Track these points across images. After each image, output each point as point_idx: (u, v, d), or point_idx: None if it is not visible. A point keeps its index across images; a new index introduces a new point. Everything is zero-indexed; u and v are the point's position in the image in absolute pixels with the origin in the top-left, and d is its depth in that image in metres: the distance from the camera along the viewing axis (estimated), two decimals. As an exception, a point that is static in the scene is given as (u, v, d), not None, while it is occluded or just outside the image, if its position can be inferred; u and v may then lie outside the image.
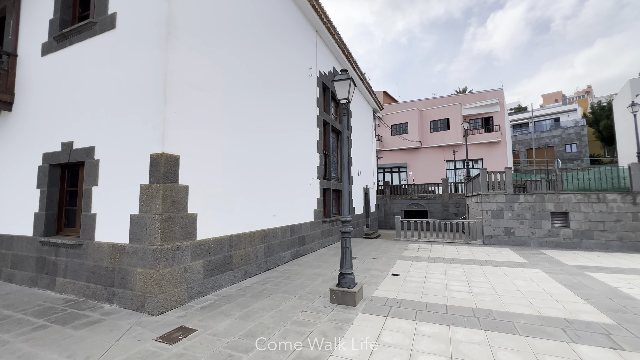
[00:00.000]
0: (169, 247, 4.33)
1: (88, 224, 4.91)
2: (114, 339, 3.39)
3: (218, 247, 5.28)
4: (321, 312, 4.22)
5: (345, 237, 4.77)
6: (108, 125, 4.94)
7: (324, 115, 10.58)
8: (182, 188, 4.62)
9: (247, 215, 6.12)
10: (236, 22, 6.03)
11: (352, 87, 4.95)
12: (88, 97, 5.20)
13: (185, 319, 3.95)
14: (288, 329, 3.66)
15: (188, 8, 4.82)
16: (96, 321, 3.91)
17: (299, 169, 8.46)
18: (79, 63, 5.42)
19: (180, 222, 4.56)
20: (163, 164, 4.32)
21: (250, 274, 6.11)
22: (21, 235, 5.77)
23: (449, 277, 6.06)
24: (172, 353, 3.08)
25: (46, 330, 3.62)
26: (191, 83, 4.85)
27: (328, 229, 10.49)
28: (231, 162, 5.68)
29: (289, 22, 8.23)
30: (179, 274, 4.48)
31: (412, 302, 4.57)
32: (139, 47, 4.71)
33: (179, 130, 4.58)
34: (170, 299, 4.32)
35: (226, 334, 3.53)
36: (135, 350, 3.14)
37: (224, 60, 5.60)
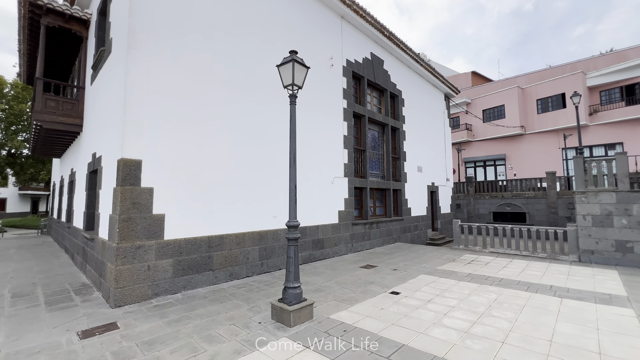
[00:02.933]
0: (128, 245, 4.64)
1: (95, 222, 5.79)
2: (56, 324, 3.82)
3: (192, 247, 5.39)
4: (248, 328, 3.73)
5: (290, 246, 4.11)
6: (104, 137, 5.70)
7: (355, 108, 9.66)
8: (145, 190, 4.89)
9: (234, 216, 6.07)
10: (220, 23, 6.06)
11: (299, 71, 4.21)
12: (97, 115, 6.14)
13: (126, 315, 4.14)
14: (192, 342, 3.36)
15: (151, 20, 5.09)
16: (72, 306, 4.53)
17: (313, 168, 7.92)
18: (97, 86, 6.47)
19: (143, 222, 4.83)
20: (122, 168, 4.67)
21: (238, 275, 6.04)
22: (78, 228, 7.32)
23: (462, 305, 4.51)
24: (65, 350, 3.22)
25: (31, 310, 4.39)
26: (157, 90, 5.10)
27: (363, 232, 9.52)
28: (209, 163, 5.73)
29: (297, 13, 7.81)
30: (140, 271, 4.75)
31: (363, 334, 3.55)
32: (112, 63, 5.25)
33: (139, 135, 4.87)
34: (130, 294, 4.62)
35: (135, 337, 3.49)
36: (48, 340, 3.44)
37: (199, 63, 5.70)
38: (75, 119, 8.05)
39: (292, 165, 4.23)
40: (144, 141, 4.92)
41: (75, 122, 8.05)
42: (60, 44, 8.93)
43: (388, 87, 11.40)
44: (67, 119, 7.97)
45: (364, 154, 10.17)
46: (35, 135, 8.66)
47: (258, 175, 6.51)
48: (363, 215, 9.93)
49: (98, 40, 6.99)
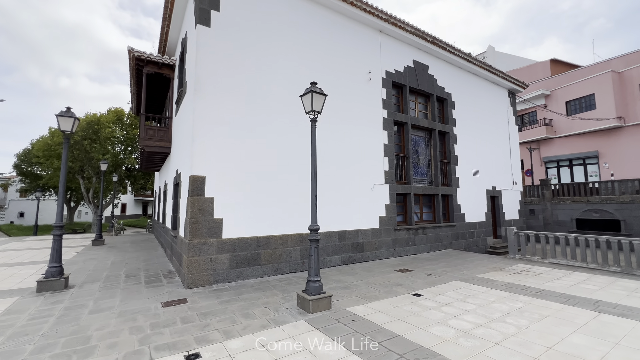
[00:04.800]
0: (196, 242, 6.07)
1: (178, 224, 7.52)
2: (149, 296, 5.35)
3: (244, 245, 6.62)
4: (277, 311, 4.64)
5: (311, 246, 4.89)
6: (182, 157, 7.41)
7: (396, 116, 9.98)
8: (208, 199, 6.29)
9: (278, 220, 7.14)
10: (261, 61, 7.29)
11: (318, 99, 5.01)
12: (179, 140, 7.94)
13: (193, 294, 5.49)
14: (233, 316, 4.42)
15: (210, 68, 6.54)
16: (160, 285, 6.13)
17: (352, 175, 8.56)
18: (179, 118, 8.34)
19: (207, 224, 6.23)
20: (191, 182, 6.14)
21: (282, 271, 7.07)
22: (169, 227, 9.40)
23: (479, 310, 4.63)
24: (153, 313, 4.61)
25: (136, 286, 6.12)
26: (215, 121, 6.51)
27: (406, 237, 9.71)
28: (258, 176, 6.93)
29: (334, 35, 8.64)
30: (205, 262, 6.13)
31: (367, 324, 4.11)
32: (186, 101, 6.86)
33: (203, 156, 6.31)
34: (197, 280, 6.02)
35: (197, 309, 4.73)
36: (143, 305, 4.91)
37: (247, 96, 6.98)
38: (166, 143, 10.34)
39: (312, 178, 5.03)
40: (206, 161, 6.35)
41: (167, 145, 10.33)
42: (156, 84, 11.52)
43: (434, 91, 11.31)
44: (161, 143, 10.30)
45: (407, 160, 10.35)
46: (141, 155, 11.33)
47: (299, 185, 7.48)
48: (407, 221, 10.09)
49: (179, 81, 8.99)
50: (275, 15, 7.61)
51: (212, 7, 6.68)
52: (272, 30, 7.52)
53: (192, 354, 3.32)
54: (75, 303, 5.06)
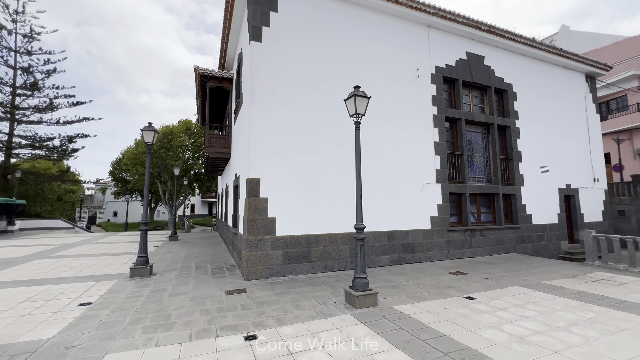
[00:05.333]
0: (253, 238, 6.69)
1: (238, 222, 8.33)
2: (215, 285, 6.08)
3: (295, 242, 7.06)
4: (325, 304, 4.93)
5: (357, 244, 5.06)
6: (240, 162, 8.18)
7: (447, 112, 9.56)
8: (263, 200, 6.87)
9: (327, 220, 7.44)
10: (308, 70, 7.69)
11: (361, 102, 5.17)
12: (237, 146, 8.77)
13: (251, 286, 6.07)
14: (286, 306, 4.83)
15: (262, 80, 7.14)
16: (223, 276, 6.90)
17: (400, 175, 8.48)
18: (237, 126, 9.20)
19: (262, 223, 6.81)
20: (248, 184, 6.79)
21: (331, 268, 7.36)
22: (230, 225, 10.39)
23: (539, 318, 4.30)
24: (218, 299, 5.26)
25: (204, 276, 6.98)
26: (268, 128, 7.09)
27: (462, 239, 9.23)
28: (306, 179, 7.33)
29: (379, 37, 8.68)
30: (261, 257, 6.72)
31: (413, 322, 4.14)
32: (243, 110, 7.57)
33: (258, 160, 6.91)
34: (255, 273, 6.62)
35: (254, 298, 5.26)
36: (210, 292, 5.62)
37: (296, 103, 7.43)
38: (227, 149, 11.44)
39: (357, 179, 5.20)
40: (261, 164, 6.95)
41: (227, 152, 11.43)
42: (217, 96, 12.81)
43: (491, 83, 10.54)
44: (222, 150, 11.43)
45: (461, 158, 9.83)
46: (206, 161, 12.70)
47: (346, 186, 7.69)
48: (463, 222, 9.59)
49: (236, 93, 9.91)
50: (320, 24, 7.95)
51: (264, 24, 7.29)
52: (317, 37, 7.88)
53: (250, 335, 3.77)
54: (158, 287, 6.01)
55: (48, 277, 6.95)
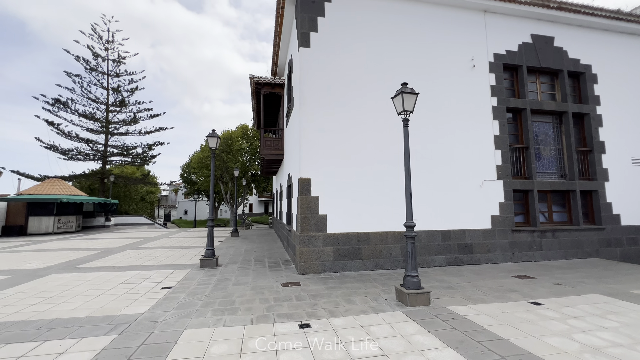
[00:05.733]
0: (305, 235, 7.04)
1: (291, 219, 8.80)
2: (272, 277, 6.57)
3: (346, 240, 7.24)
4: (376, 300, 5.01)
5: (408, 242, 5.02)
6: (293, 163, 8.63)
7: (509, 102, 8.80)
8: (314, 198, 7.19)
9: (378, 218, 7.46)
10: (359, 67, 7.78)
11: (409, 98, 5.11)
12: (289, 148, 9.25)
13: (305, 279, 6.42)
14: (337, 300, 5.04)
15: (312, 85, 7.45)
16: (279, 270, 7.39)
17: (455, 172, 8.07)
18: (289, 129, 9.70)
19: (313, 220, 7.13)
20: (299, 184, 7.17)
21: (382, 266, 7.36)
22: (284, 223, 10.99)
23: (623, 330, 3.79)
24: (275, 290, 5.69)
25: (262, 269, 7.57)
26: (318, 129, 7.38)
27: (530, 240, 8.42)
28: (355, 178, 7.45)
29: (427, 33, 8.37)
30: (313, 253, 7.03)
31: (469, 323, 4.00)
32: (294, 114, 7.98)
33: (308, 160, 7.24)
34: (307, 267, 6.96)
35: (307, 291, 5.58)
36: (268, 284, 6.10)
37: (345, 103, 7.59)
38: (280, 151, 12.12)
39: (407, 177, 5.17)
40: (311, 164, 7.27)
41: (280, 153, 12.10)
42: (270, 101, 13.61)
43: (564, 66, 9.37)
44: (276, 151, 12.13)
45: (526, 152, 8.96)
46: (262, 163, 13.59)
47: (396, 184, 7.60)
48: (530, 222, 8.74)
49: (288, 97, 10.44)
50: (366, 24, 7.98)
51: (311, 29, 7.60)
52: (364, 37, 7.92)
53: (304, 323, 4.06)
54: (223, 277, 6.71)
55: (137, 264, 8.23)
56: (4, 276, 6.91)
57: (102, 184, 27.34)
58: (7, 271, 7.46)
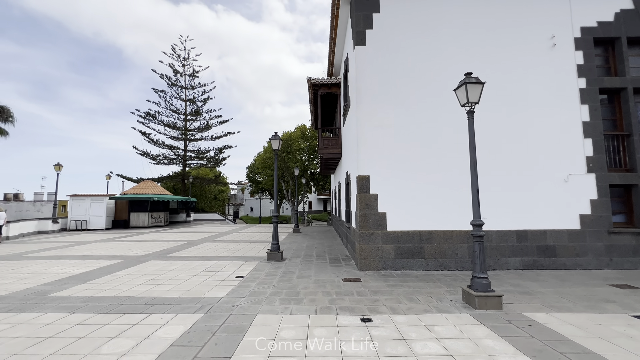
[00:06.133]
0: (365, 232, 7.10)
1: (350, 217, 8.93)
2: (332, 273, 6.80)
3: (407, 238, 7.08)
4: (440, 301, 4.84)
5: (475, 241, 4.73)
6: (350, 161, 8.73)
7: (603, 83, 7.54)
8: (373, 196, 7.19)
9: (442, 216, 7.13)
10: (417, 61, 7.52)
11: (474, 89, 4.79)
12: (346, 146, 9.37)
13: (365, 276, 6.49)
14: (399, 297, 5.02)
15: (368, 82, 7.45)
16: (339, 266, 7.60)
17: (532, 165, 7.24)
18: (346, 127, 9.82)
19: (373, 217, 7.14)
20: (358, 182, 7.24)
21: (447, 267, 7.01)
22: (344, 220, 11.17)
23: None
24: (336, 284, 5.90)
25: (323, 264, 7.87)
26: (375, 126, 7.35)
27: (633, 244, 7.13)
28: (416, 174, 7.23)
29: (495, 14, 7.64)
30: (373, 250, 7.06)
31: (549, 333, 3.62)
32: (351, 112, 8.07)
33: (366, 158, 7.27)
34: (367, 264, 7.01)
35: (368, 287, 5.65)
36: (329, 278, 6.34)
37: (402, 98, 7.41)
38: (337, 150, 12.33)
39: (472, 172, 4.86)
40: (370, 162, 7.29)
41: (338, 152, 12.31)
42: (327, 101, 13.90)
43: (681, 31, 7.63)
44: (334, 150, 12.38)
45: (627, 139, 7.57)
46: (320, 162, 13.99)
47: (461, 180, 7.15)
48: (634, 222, 7.38)
49: (344, 96, 10.57)
50: (424, 15, 7.64)
51: (366, 27, 7.58)
52: (422, 30, 7.60)
53: (365, 318, 4.16)
54: (288, 270, 7.18)
55: (214, 255, 9.29)
56: (117, 260, 8.47)
57: (183, 185, 31.18)
58: (118, 256, 9.13)
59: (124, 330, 3.78)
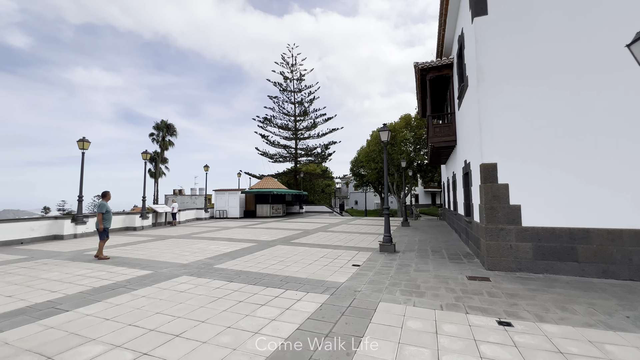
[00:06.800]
0: (493, 227, 6.27)
1: (471, 210, 8.06)
2: (454, 269, 6.31)
3: (551, 236, 5.90)
4: (609, 315, 3.86)
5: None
6: (469, 148, 7.84)
7: None
8: (502, 186, 6.28)
9: (602, 208, 5.64)
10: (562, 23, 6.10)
11: None
12: (463, 132, 8.44)
13: (495, 276, 5.76)
14: (546, 305, 4.26)
15: (493, 56, 6.48)
16: (461, 263, 6.98)
17: None
18: (462, 112, 8.85)
19: (502, 211, 6.24)
20: (482, 170, 6.44)
21: (614, 275, 5.50)
22: (461, 214, 10.16)
23: None
24: (460, 282, 5.45)
25: (441, 259, 7.38)
26: (502, 107, 6.37)
27: None
28: (561, 157, 5.91)
29: None
30: (504, 248, 6.17)
31: None
32: (469, 94, 7.20)
33: (492, 144, 6.38)
34: (498, 264, 6.19)
35: (501, 288, 5.01)
36: (451, 274, 5.90)
37: (536, 72, 6.14)
38: (451, 137, 11.27)
39: (663, 150, 3.63)
40: (496, 147, 6.37)
41: (452, 139, 11.25)
42: (436, 86, 12.83)
43: None
44: (447, 138, 11.37)
45: None
46: (431, 152, 13.09)
47: (632, 160, 5.46)
48: None
49: (459, 77, 9.53)
50: (575, -46, 6.07)
51: (490, -8, 6.59)
52: (571, -26, 6.08)
53: (503, 321, 3.70)
54: (403, 263, 7.06)
55: (329, 244, 9.98)
56: (252, 243, 10.14)
57: (295, 179, 34.54)
58: (253, 240, 10.91)
59: (269, 300, 4.51)
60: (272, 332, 3.43)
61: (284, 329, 3.52)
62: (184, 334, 3.42)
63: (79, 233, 12.55)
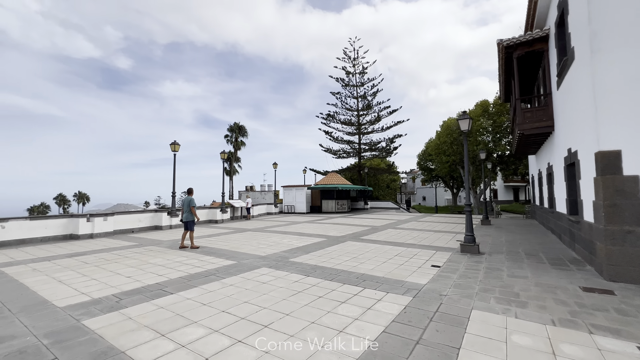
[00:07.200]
0: (616, 229, 5.11)
1: (578, 208, 6.75)
2: (560, 277, 5.34)
3: None
4: None
5: None
6: (576, 133, 6.53)
7: None
8: (629, 178, 5.06)
9: None
10: None
11: None
12: (566, 115, 7.08)
13: (621, 288, 4.68)
14: None
15: (613, 21, 5.23)
16: (568, 270, 5.89)
17: None
18: (564, 90, 7.44)
19: (631, 209, 5.03)
20: (599, 160, 5.29)
21: None
22: (562, 212, 8.63)
23: None
24: (573, 293, 4.56)
25: (540, 264, 6.35)
26: (630, 79, 5.11)
27: None
28: None
29: None
30: (633, 255, 4.98)
31: None
32: (576, 68, 5.96)
33: (614, 127, 5.17)
34: (623, 274, 5.03)
35: (633, 306, 4.04)
36: (557, 283, 4.98)
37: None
38: (547, 122, 9.64)
39: None
40: (619, 131, 5.15)
41: (547, 124, 9.62)
42: (524, 65, 11.10)
43: None
44: (540, 123, 9.78)
45: None
46: (519, 140, 11.43)
47: None
48: None
49: (559, 50, 8.03)
50: None
51: (609, -62, 5.32)
52: None
53: (648, 349, 2.93)
54: (492, 266, 6.27)
55: (401, 241, 9.50)
56: (322, 239, 10.26)
57: (359, 175, 34.18)
58: (322, 235, 11.05)
59: (348, 298, 4.42)
60: (357, 333, 3.31)
61: (370, 330, 3.38)
62: (271, 325, 3.54)
63: (174, 224, 14.45)
